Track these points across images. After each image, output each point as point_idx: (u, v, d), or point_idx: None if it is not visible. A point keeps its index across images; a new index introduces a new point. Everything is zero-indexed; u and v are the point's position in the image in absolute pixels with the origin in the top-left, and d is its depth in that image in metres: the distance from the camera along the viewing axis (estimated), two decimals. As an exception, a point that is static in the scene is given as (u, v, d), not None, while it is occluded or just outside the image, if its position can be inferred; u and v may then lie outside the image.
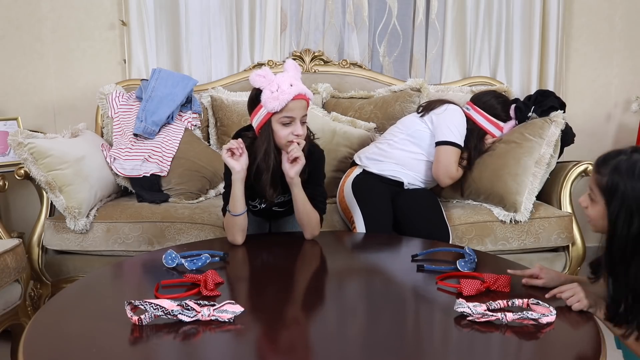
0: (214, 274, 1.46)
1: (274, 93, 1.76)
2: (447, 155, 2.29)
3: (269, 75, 1.79)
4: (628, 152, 1.25)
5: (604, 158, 1.28)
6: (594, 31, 3.12)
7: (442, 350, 1.20)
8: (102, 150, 2.55)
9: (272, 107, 1.77)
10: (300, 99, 1.79)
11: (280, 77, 1.79)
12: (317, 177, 1.95)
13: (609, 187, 1.24)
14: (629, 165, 1.22)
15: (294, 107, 1.78)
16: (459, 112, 2.37)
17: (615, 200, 1.23)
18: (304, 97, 1.80)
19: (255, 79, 1.80)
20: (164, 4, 3.00)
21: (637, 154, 1.24)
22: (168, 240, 2.26)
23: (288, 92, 1.76)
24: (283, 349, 1.18)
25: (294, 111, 1.78)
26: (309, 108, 1.86)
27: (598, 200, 1.28)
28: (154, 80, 2.70)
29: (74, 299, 1.44)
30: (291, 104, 1.77)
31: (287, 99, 1.76)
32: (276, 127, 1.80)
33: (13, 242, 2.05)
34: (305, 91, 1.81)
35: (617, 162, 1.24)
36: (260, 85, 1.80)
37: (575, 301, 1.33)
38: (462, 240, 2.26)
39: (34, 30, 3.04)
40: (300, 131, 1.80)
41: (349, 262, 1.83)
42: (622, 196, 1.22)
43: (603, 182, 1.25)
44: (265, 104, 1.78)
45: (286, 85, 1.77)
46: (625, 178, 1.22)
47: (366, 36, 3.05)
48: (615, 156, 1.26)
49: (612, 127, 3.20)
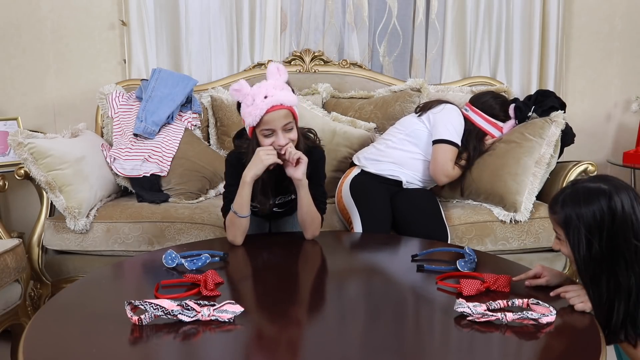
0: (214, 274, 1.46)
1: (249, 107, 1.74)
2: (444, 153, 2.29)
3: (244, 89, 1.76)
4: (570, 185, 1.37)
5: (554, 199, 1.39)
6: (594, 31, 3.12)
7: (442, 350, 1.20)
8: (102, 150, 2.55)
9: (249, 122, 1.76)
10: (276, 109, 1.74)
11: (257, 88, 1.75)
12: (317, 178, 1.94)
13: (564, 221, 1.34)
14: (573, 195, 1.33)
15: (271, 119, 1.74)
16: (456, 111, 2.37)
17: (572, 230, 1.32)
18: (281, 107, 1.74)
19: (232, 93, 1.79)
20: (164, 4, 3.00)
21: (578, 184, 1.35)
22: (168, 240, 2.26)
23: (261, 107, 1.72)
24: (283, 349, 1.18)
25: (271, 123, 1.75)
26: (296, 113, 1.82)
27: (562, 237, 1.37)
28: (154, 80, 2.70)
29: (74, 299, 1.44)
30: (267, 117, 1.74)
31: (260, 114, 1.72)
32: (260, 138, 1.79)
33: (13, 242, 2.05)
34: (282, 100, 1.74)
35: (564, 196, 1.35)
36: (237, 99, 1.79)
37: (579, 302, 1.34)
38: (462, 240, 2.26)
39: (34, 30, 3.04)
40: (282, 141, 1.77)
41: (348, 262, 1.83)
42: (575, 224, 1.31)
43: (560, 219, 1.35)
44: (244, 118, 1.78)
45: (260, 98, 1.72)
46: (572, 207, 1.32)
47: (366, 36, 3.05)
48: (561, 193, 1.37)
49: (612, 127, 3.20)
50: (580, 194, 1.32)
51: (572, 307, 1.35)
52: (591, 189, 1.31)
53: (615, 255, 1.29)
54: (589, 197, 1.30)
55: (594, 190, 1.31)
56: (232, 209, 1.85)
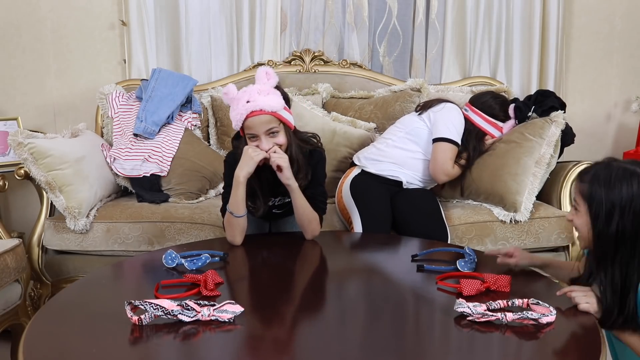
0: (214, 274, 1.46)
1: (233, 112, 1.79)
2: (444, 152, 2.29)
3: (230, 93, 1.80)
4: (606, 161, 1.38)
5: (585, 168, 1.41)
6: (594, 31, 3.12)
7: (442, 350, 1.20)
8: (102, 150, 2.55)
9: (233, 125, 1.82)
10: (257, 115, 1.75)
11: (242, 93, 1.78)
12: (317, 178, 1.95)
13: (589, 193, 1.35)
14: (606, 170, 1.34)
15: (251, 125, 1.77)
16: (457, 110, 2.37)
17: (596, 203, 1.33)
18: (261, 113, 1.75)
19: (223, 97, 1.85)
20: (164, 4, 3.00)
21: (614, 162, 1.36)
22: (168, 240, 2.26)
23: (241, 112, 1.75)
24: (283, 349, 1.18)
25: (252, 128, 1.78)
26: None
27: (581, 208, 1.38)
28: (154, 80, 2.70)
29: (74, 299, 1.44)
30: (248, 122, 1.77)
31: (241, 119, 1.77)
32: (248, 141, 1.83)
33: (13, 242, 2.05)
34: (262, 106, 1.75)
35: (597, 169, 1.36)
36: (227, 103, 1.85)
37: (584, 302, 1.34)
38: (462, 240, 2.26)
39: (34, 30, 3.04)
40: (264, 146, 1.78)
41: (348, 262, 1.83)
42: (599, 197, 1.32)
43: (585, 189, 1.36)
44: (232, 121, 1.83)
45: (242, 103, 1.75)
46: (602, 182, 1.33)
47: (366, 36, 3.05)
48: (595, 165, 1.38)
49: (612, 127, 3.20)
50: (614, 170, 1.32)
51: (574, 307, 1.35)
52: (626, 169, 1.32)
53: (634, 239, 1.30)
54: (622, 176, 1.31)
55: (629, 171, 1.31)
56: (228, 209, 1.85)
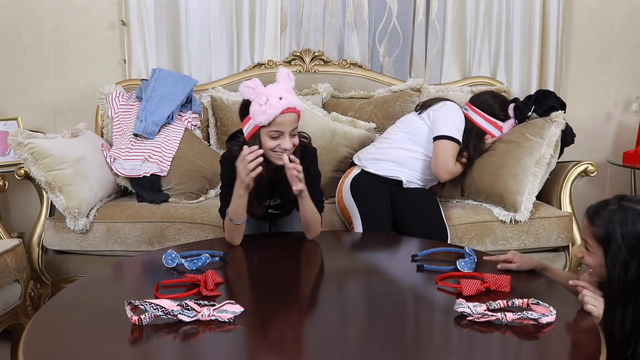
0: (213, 274, 1.46)
1: (262, 106, 1.71)
2: (445, 149, 2.29)
3: (258, 87, 1.74)
4: (616, 201, 1.36)
5: (595, 210, 1.38)
6: (594, 31, 3.12)
7: (442, 350, 1.20)
8: (102, 150, 2.55)
9: (260, 120, 1.73)
10: (289, 112, 1.73)
11: (270, 88, 1.74)
12: (312, 177, 1.93)
13: (606, 237, 1.33)
14: (620, 212, 1.32)
15: (283, 121, 1.73)
16: (457, 108, 2.37)
17: (613, 248, 1.32)
18: (294, 110, 1.75)
19: (244, 90, 1.75)
20: (164, 4, 3.00)
21: (625, 202, 1.34)
22: (168, 240, 2.26)
23: (276, 107, 1.70)
24: (283, 349, 1.18)
25: (282, 125, 1.74)
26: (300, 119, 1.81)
27: (595, 250, 1.37)
28: (154, 80, 2.70)
29: (74, 299, 1.44)
30: (280, 118, 1.72)
31: (275, 114, 1.71)
32: (264, 139, 1.76)
33: (13, 242, 2.05)
34: (295, 104, 1.74)
35: (609, 212, 1.34)
36: (249, 97, 1.75)
37: (591, 304, 1.34)
38: (462, 240, 2.26)
39: (34, 30, 3.04)
40: (288, 145, 1.76)
41: (348, 262, 1.82)
42: (618, 244, 1.31)
43: (599, 233, 1.34)
44: (254, 117, 1.74)
45: (275, 98, 1.71)
46: (619, 227, 1.31)
47: (366, 36, 3.05)
48: (605, 207, 1.36)
49: (612, 127, 3.20)
50: (630, 213, 1.31)
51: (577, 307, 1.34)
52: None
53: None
54: (637, 219, 1.30)
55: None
56: (228, 216, 1.83)
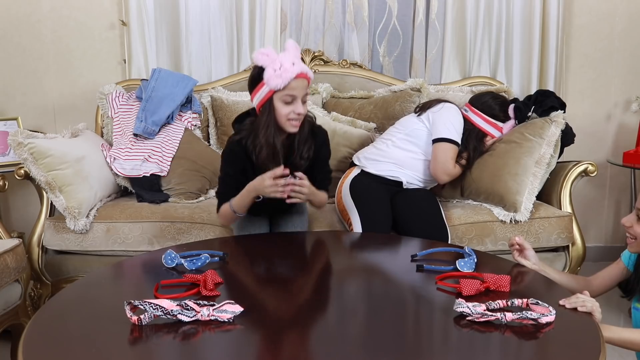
0: (213, 274, 1.46)
1: (277, 71, 1.80)
2: (444, 152, 2.29)
3: (272, 54, 1.83)
4: None
5: None
6: (594, 31, 3.12)
7: (441, 350, 1.20)
8: (102, 150, 2.55)
9: (275, 84, 1.81)
10: (302, 77, 1.84)
11: (283, 56, 1.83)
12: (323, 159, 2.04)
13: None
14: None
15: (296, 86, 1.83)
16: (456, 109, 2.37)
17: None
18: (306, 76, 1.86)
19: (259, 57, 1.84)
20: (164, 4, 3.00)
21: None
22: (168, 240, 2.26)
23: (291, 71, 1.80)
24: (282, 349, 1.18)
25: (296, 90, 1.83)
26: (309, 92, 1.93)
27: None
28: (154, 80, 2.70)
29: (74, 299, 1.44)
30: (293, 83, 1.82)
31: (290, 77, 1.80)
32: (277, 105, 1.85)
33: (13, 242, 2.05)
34: (307, 70, 1.85)
35: None
36: (263, 64, 1.84)
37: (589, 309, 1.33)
38: (462, 240, 2.26)
39: (34, 30, 3.05)
40: (301, 109, 1.86)
41: (348, 262, 1.82)
42: None
43: None
44: (268, 82, 1.82)
45: (289, 63, 1.81)
46: None
47: (366, 36, 3.05)
48: None
49: (612, 127, 3.20)
50: None
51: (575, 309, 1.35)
52: None
53: None
54: None
55: None
56: (232, 207, 1.89)
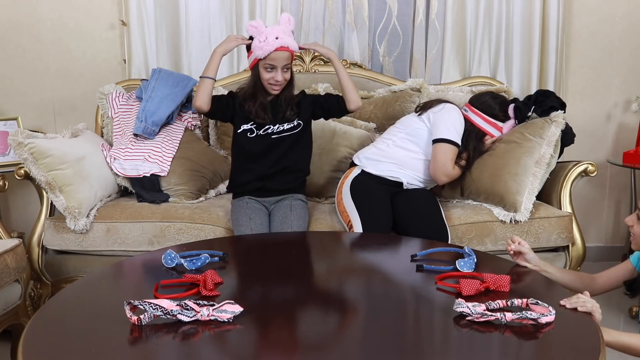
0: (213, 274, 1.46)
1: (261, 43, 2.09)
2: (444, 152, 2.29)
3: (260, 27, 2.11)
4: None
5: None
6: (594, 31, 3.12)
7: (441, 350, 1.21)
8: (102, 150, 2.55)
9: (258, 54, 2.11)
10: (282, 50, 2.10)
11: (270, 29, 2.10)
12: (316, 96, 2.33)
13: None
14: None
15: (276, 57, 2.11)
16: (456, 110, 2.37)
17: None
18: (287, 50, 2.12)
19: (249, 28, 2.13)
20: (164, 4, 3.00)
21: None
22: (168, 240, 2.26)
23: (272, 44, 2.08)
24: (282, 349, 1.18)
25: (275, 60, 2.12)
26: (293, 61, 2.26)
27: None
28: (154, 80, 2.70)
29: (74, 299, 1.44)
30: (274, 54, 2.10)
31: (269, 50, 2.08)
32: (261, 70, 2.16)
33: (13, 242, 2.05)
34: (288, 44, 2.11)
35: None
36: (251, 34, 2.13)
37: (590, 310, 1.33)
38: (462, 240, 2.26)
39: (34, 31, 3.04)
40: (279, 78, 2.14)
41: (348, 262, 1.83)
42: None
43: None
44: (254, 50, 2.12)
45: (272, 37, 2.08)
46: None
47: (366, 36, 3.05)
48: None
49: (612, 127, 3.20)
50: None
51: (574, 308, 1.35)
52: None
53: None
54: None
55: None
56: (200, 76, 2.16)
